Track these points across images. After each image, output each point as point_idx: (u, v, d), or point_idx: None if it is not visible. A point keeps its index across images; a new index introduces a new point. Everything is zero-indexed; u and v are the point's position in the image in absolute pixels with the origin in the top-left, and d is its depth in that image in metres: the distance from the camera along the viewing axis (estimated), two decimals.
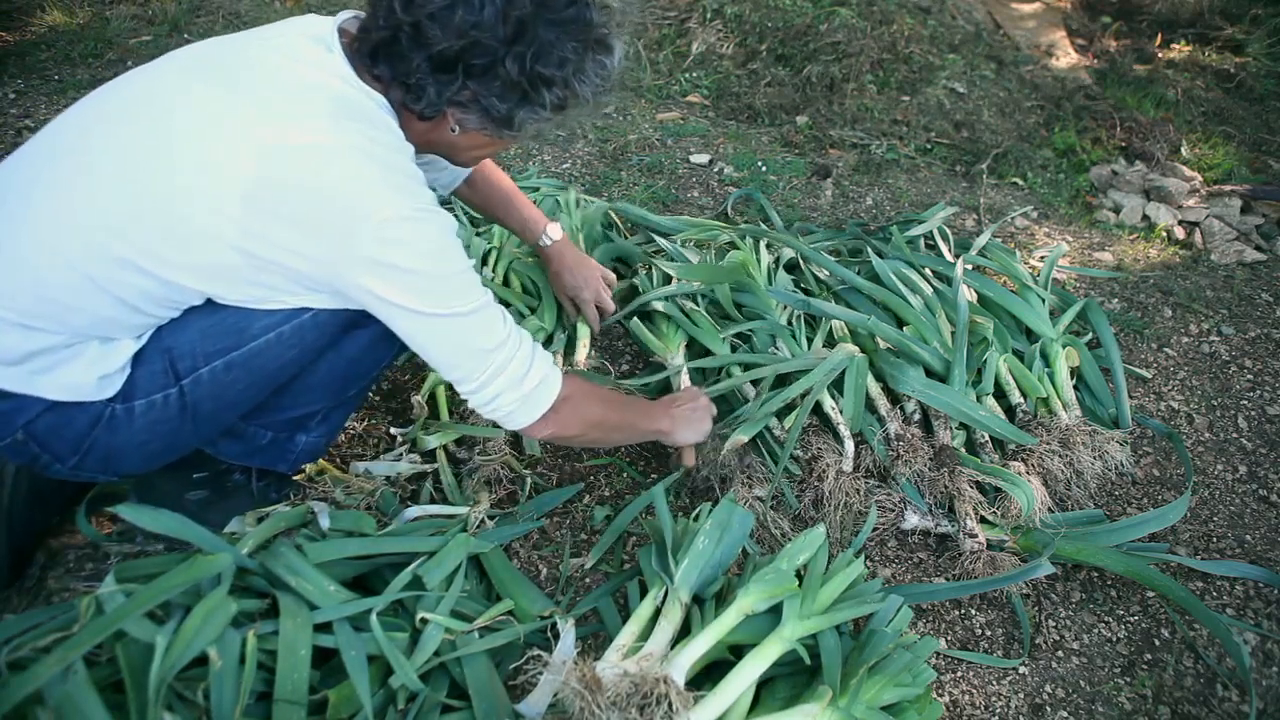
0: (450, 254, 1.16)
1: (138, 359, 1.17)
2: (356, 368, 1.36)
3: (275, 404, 1.34)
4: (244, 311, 1.18)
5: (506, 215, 1.81)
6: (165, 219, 1.06)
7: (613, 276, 1.93)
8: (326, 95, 1.10)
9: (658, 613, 1.25)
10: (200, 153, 1.06)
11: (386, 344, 1.32)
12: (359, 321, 1.27)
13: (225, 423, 1.32)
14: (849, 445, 1.64)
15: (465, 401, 1.28)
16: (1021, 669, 1.42)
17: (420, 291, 1.13)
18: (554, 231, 1.82)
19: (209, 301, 1.17)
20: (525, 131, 1.20)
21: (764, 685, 1.22)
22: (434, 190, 1.43)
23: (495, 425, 1.41)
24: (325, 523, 1.36)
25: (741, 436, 1.59)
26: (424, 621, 1.21)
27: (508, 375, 1.23)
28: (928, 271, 2.11)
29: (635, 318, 1.95)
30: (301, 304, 1.19)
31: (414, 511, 1.48)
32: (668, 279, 2.01)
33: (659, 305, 1.92)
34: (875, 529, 1.57)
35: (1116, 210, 2.69)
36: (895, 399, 1.79)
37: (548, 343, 1.89)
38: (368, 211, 1.07)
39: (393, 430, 1.71)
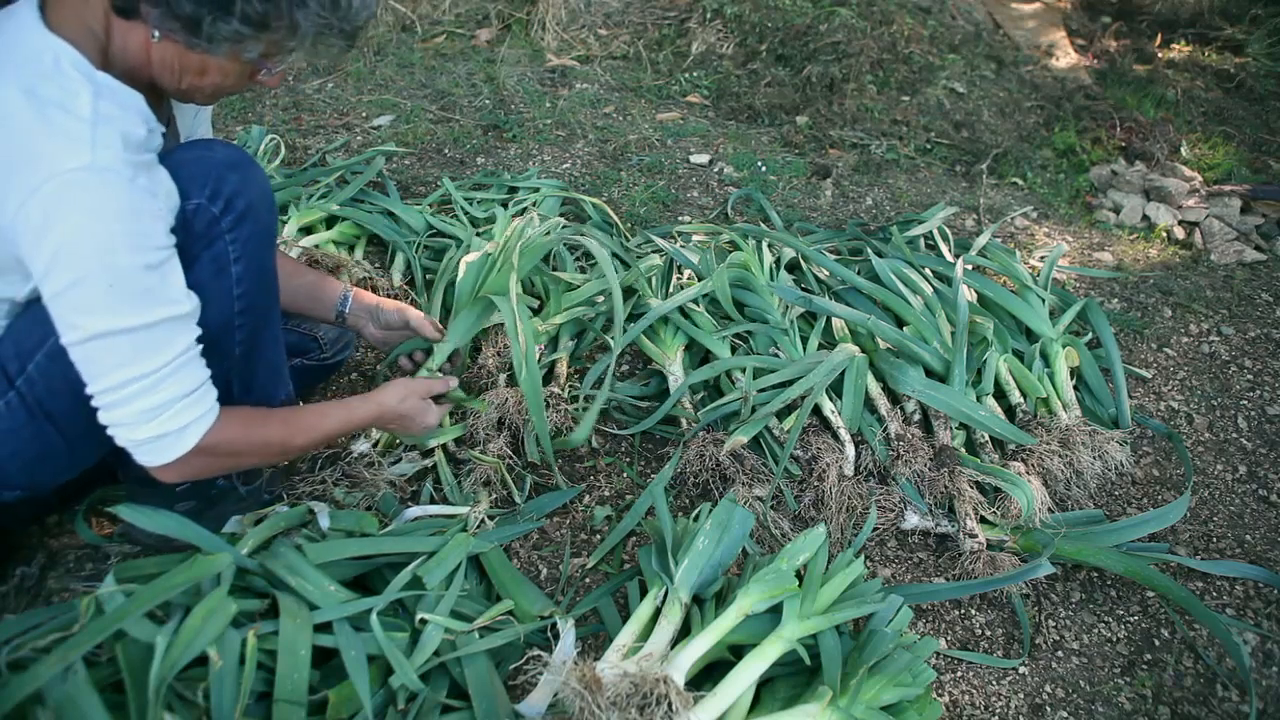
0: (130, 239, 0.99)
1: None
2: (209, 315, 1.17)
3: None
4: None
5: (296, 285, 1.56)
6: None
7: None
8: None
9: (658, 613, 1.25)
10: None
11: (221, 276, 1.17)
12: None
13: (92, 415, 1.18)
14: (849, 450, 1.64)
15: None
16: (1021, 669, 1.42)
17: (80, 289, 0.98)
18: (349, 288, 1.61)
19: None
20: (219, 46, 1.05)
21: (764, 685, 1.22)
22: None
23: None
24: (325, 523, 1.36)
25: (741, 437, 1.59)
26: (424, 621, 1.21)
27: (145, 403, 1.07)
28: (928, 271, 2.11)
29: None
30: None
31: (414, 511, 1.48)
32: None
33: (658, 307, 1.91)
34: (875, 529, 1.57)
35: (1116, 210, 2.69)
36: (895, 399, 1.79)
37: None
38: (17, 166, 0.96)
39: None
